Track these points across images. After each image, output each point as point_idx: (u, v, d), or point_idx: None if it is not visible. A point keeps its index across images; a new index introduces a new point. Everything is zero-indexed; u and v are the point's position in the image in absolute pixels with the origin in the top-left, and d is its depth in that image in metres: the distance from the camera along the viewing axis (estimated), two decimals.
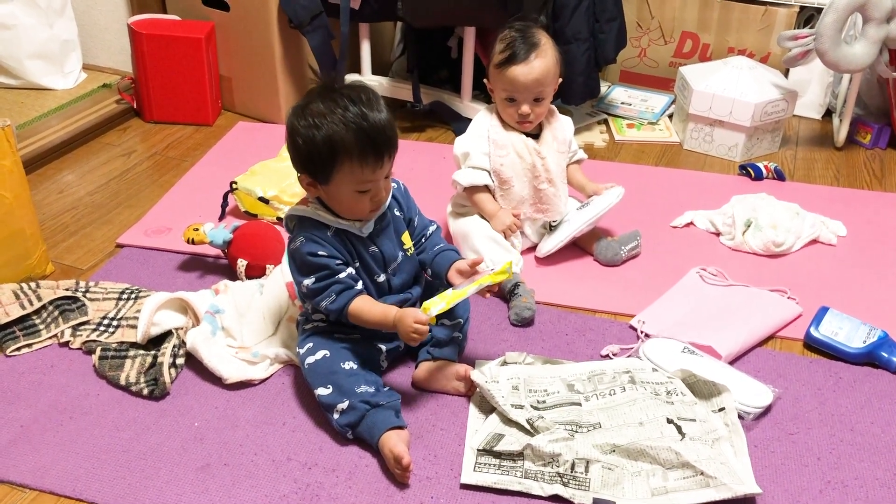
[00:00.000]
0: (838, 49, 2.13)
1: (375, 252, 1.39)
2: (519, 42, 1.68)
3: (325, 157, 1.28)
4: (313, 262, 1.33)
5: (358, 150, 1.27)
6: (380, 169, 1.30)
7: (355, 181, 1.30)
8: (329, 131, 1.27)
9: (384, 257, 1.40)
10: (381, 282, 1.41)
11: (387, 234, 1.41)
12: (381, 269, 1.41)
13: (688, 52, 2.61)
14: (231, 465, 1.30)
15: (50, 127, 2.27)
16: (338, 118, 1.27)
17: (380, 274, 1.41)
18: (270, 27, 2.30)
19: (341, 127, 1.27)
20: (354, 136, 1.27)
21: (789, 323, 1.64)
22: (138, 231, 1.91)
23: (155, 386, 1.42)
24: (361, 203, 1.33)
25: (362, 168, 1.29)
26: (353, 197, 1.32)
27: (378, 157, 1.29)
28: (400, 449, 1.25)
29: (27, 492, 1.27)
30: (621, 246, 1.81)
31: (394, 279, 1.43)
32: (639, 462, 1.28)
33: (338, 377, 1.33)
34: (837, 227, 1.95)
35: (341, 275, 1.34)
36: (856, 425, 1.40)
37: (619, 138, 2.42)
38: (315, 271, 1.33)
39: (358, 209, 1.35)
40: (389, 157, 1.32)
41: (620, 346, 1.56)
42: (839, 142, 2.38)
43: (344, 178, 1.30)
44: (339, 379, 1.33)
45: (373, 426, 1.31)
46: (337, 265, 1.34)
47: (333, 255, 1.34)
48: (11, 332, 1.54)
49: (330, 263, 1.33)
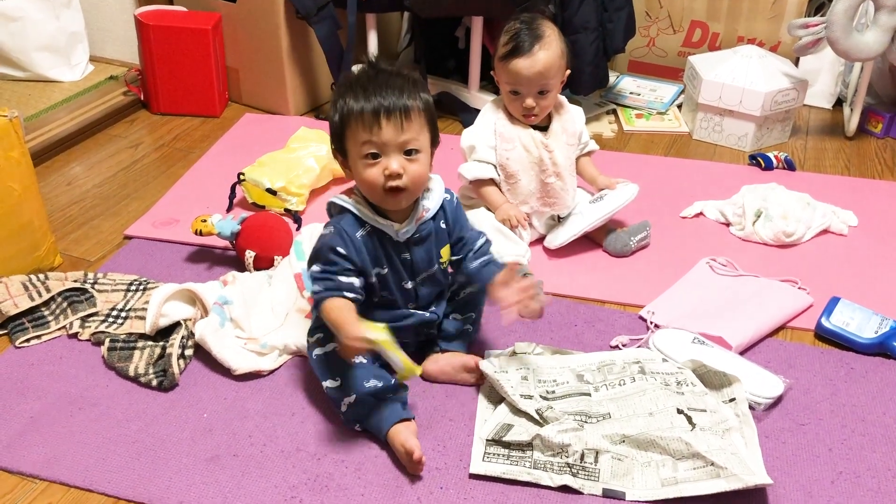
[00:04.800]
0: (850, 37, 2.11)
1: (406, 259, 1.35)
2: (523, 34, 1.67)
3: (338, 123, 1.28)
4: (328, 255, 1.30)
5: (359, 109, 1.24)
6: (378, 128, 1.24)
7: (359, 142, 1.26)
8: (342, 100, 1.27)
9: (413, 266, 1.37)
10: (409, 289, 1.38)
11: (426, 244, 1.36)
12: (409, 277, 1.37)
13: (697, 41, 2.60)
14: (240, 456, 1.30)
15: (57, 119, 2.28)
16: (357, 85, 1.26)
17: (408, 281, 1.38)
18: (277, 18, 2.29)
19: (351, 94, 1.26)
20: (363, 97, 1.25)
21: (800, 313, 1.63)
22: (146, 223, 1.91)
23: (164, 377, 1.43)
24: (373, 174, 1.26)
25: (364, 126, 1.24)
26: (364, 165, 1.27)
27: (376, 115, 1.23)
28: (412, 443, 1.25)
29: (37, 482, 1.27)
30: (630, 237, 1.80)
31: (421, 289, 1.40)
32: (649, 452, 1.27)
33: (346, 370, 1.32)
34: (848, 217, 1.93)
35: (342, 278, 1.29)
36: (867, 416, 1.39)
37: (627, 128, 2.40)
38: (325, 263, 1.31)
39: (371, 181, 1.27)
40: (395, 119, 1.24)
41: (630, 337, 1.55)
42: (850, 131, 2.36)
43: (352, 143, 1.27)
44: (347, 372, 1.32)
45: (380, 420, 1.30)
46: (346, 269, 1.29)
47: (350, 259, 1.29)
48: (21, 323, 1.55)
49: (341, 264, 1.29)
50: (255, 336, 1.51)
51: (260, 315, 1.54)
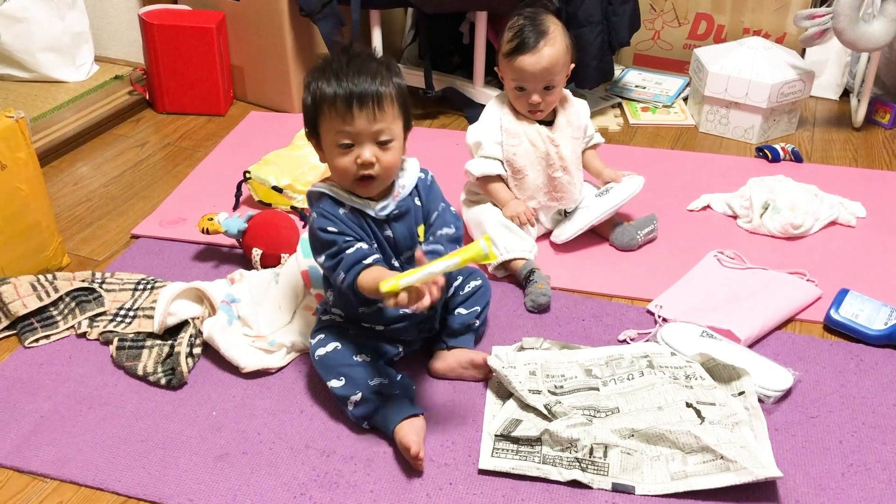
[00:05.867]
0: (856, 27, 2.10)
1: (389, 237, 1.37)
2: (527, 30, 1.66)
3: (311, 108, 1.28)
4: (324, 238, 1.31)
5: (330, 97, 1.24)
6: (350, 118, 1.24)
7: (332, 131, 1.27)
8: (315, 85, 1.27)
9: (396, 243, 1.38)
10: (396, 267, 1.39)
11: (405, 220, 1.37)
12: (394, 255, 1.38)
13: (702, 33, 2.59)
14: (249, 454, 1.30)
15: (63, 119, 2.28)
16: (329, 70, 1.26)
17: (393, 258, 1.39)
18: (281, 15, 2.29)
19: (324, 79, 1.26)
20: (335, 82, 1.24)
21: (809, 305, 1.62)
22: (153, 222, 1.91)
23: (172, 375, 1.43)
24: (345, 161, 1.28)
25: (336, 115, 1.25)
26: (336, 153, 1.28)
27: (349, 104, 1.23)
28: (409, 439, 1.25)
29: (48, 481, 1.27)
30: (637, 230, 1.79)
31: (407, 266, 1.41)
32: (658, 446, 1.27)
33: (349, 369, 1.33)
34: (857, 209, 1.92)
35: (349, 250, 1.29)
36: (878, 408, 1.38)
37: (633, 122, 2.40)
38: (326, 248, 1.31)
39: (343, 169, 1.29)
40: (367, 108, 1.24)
41: (638, 331, 1.55)
42: (857, 122, 2.35)
43: (324, 129, 1.28)
44: (351, 371, 1.33)
45: (386, 417, 1.31)
46: (345, 242, 1.30)
47: (343, 232, 1.30)
48: (29, 323, 1.55)
49: (338, 240, 1.30)
50: (263, 334, 1.51)
51: (267, 313, 1.54)
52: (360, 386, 1.31)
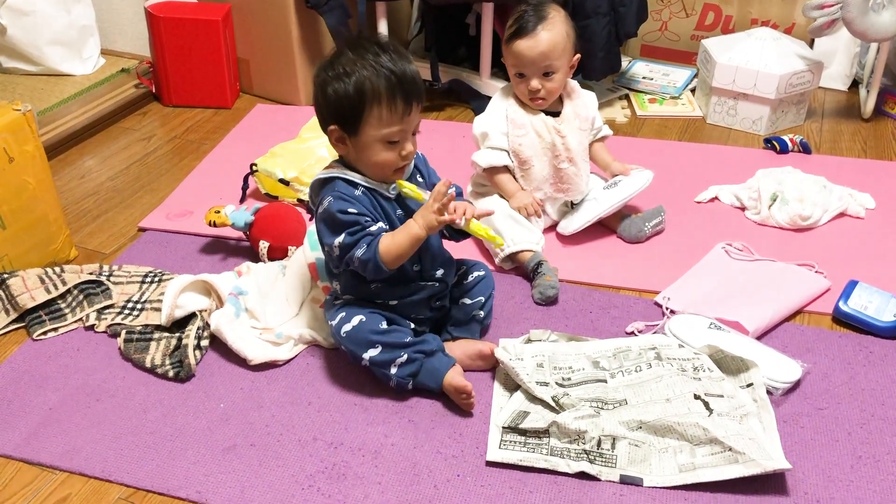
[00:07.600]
0: (866, 17, 2.08)
1: (401, 215, 1.37)
2: (528, 15, 1.66)
3: (355, 102, 1.27)
4: (344, 219, 1.30)
5: (387, 95, 1.26)
6: (408, 117, 1.29)
7: (383, 129, 1.28)
8: (360, 77, 1.26)
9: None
10: None
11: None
12: None
13: (710, 24, 2.57)
14: (257, 446, 1.31)
15: (70, 113, 2.28)
16: (368, 64, 1.26)
17: None
18: (287, 8, 2.29)
19: (371, 72, 1.26)
20: (385, 81, 1.26)
21: (817, 297, 1.62)
22: (160, 215, 1.91)
23: (180, 368, 1.43)
24: (389, 156, 1.30)
25: (391, 114, 1.27)
26: (381, 148, 1.30)
27: (407, 103, 1.28)
28: (462, 382, 1.33)
29: (57, 473, 1.28)
30: (645, 222, 1.79)
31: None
32: (666, 438, 1.27)
33: (383, 336, 1.35)
34: (865, 200, 1.91)
35: (372, 228, 1.31)
36: (887, 399, 1.38)
37: (641, 113, 2.39)
38: (346, 227, 1.31)
39: (385, 163, 1.31)
40: (418, 105, 1.30)
41: (646, 323, 1.54)
42: (866, 113, 2.34)
43: (372, 126, 1.28)
44: (385, 337, 1.34)
45: (433, 370, 1.35)
46: (366, 221, 1.31)
47: (363, 213, 1.31)
48: (38, 316, 1.56)
49: (360, 220, 1.31)
50: (271, 326, 1.51)
51: (275, 305, 1.54)
52: (400, 347, 1.34)
